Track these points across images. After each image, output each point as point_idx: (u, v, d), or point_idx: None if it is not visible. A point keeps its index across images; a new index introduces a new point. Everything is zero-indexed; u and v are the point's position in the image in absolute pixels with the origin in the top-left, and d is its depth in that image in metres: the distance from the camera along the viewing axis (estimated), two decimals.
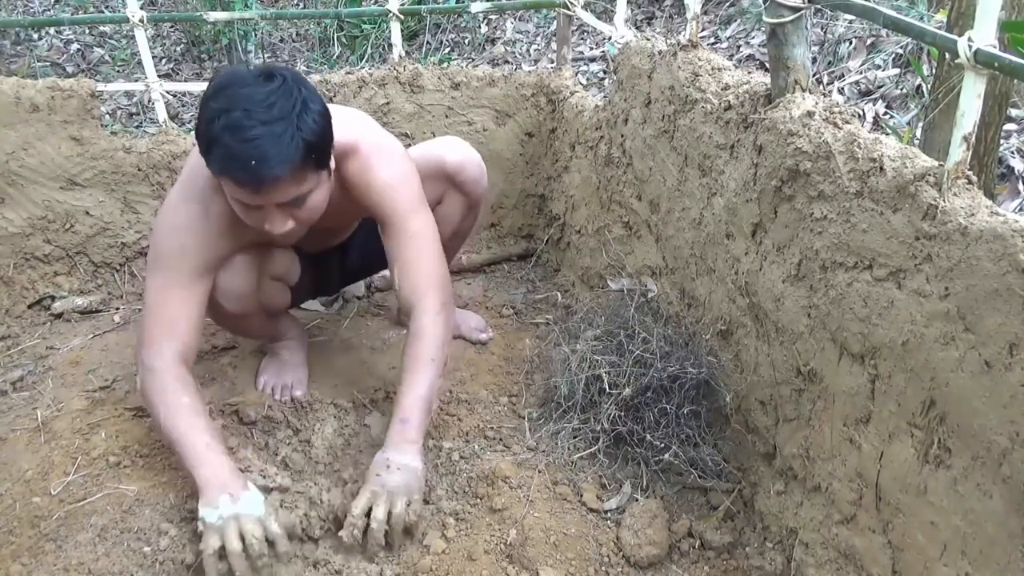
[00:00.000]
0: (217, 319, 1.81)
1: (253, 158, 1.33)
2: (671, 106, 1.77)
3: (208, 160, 1.39)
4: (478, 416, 1.87)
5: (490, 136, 2.55)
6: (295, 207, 1.46)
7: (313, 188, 1.46)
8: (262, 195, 1.39)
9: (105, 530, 1.52)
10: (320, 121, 1.41)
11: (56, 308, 2.35)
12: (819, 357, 1.34)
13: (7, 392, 1.99)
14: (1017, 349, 0.95)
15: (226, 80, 1.39)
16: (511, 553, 1.49)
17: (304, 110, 1.38)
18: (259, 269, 1.73)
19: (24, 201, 2.30)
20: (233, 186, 1.40)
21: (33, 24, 5.31)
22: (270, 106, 1.35)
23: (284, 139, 1.35)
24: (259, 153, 1.33)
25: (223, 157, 1.35)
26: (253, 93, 1.35)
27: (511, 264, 2.65)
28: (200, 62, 5.39)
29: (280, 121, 1.35)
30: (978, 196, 1.05)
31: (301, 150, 1.37)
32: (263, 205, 1.42)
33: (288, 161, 1.35)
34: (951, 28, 2.03)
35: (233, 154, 1.34)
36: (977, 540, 1.03)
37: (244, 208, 1.45)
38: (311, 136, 1.38)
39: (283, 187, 1.39)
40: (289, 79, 1.39)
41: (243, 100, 1.35)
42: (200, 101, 1.39)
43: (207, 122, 1.36)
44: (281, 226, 1.46)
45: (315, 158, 1.42)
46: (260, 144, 1.33)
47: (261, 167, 1.34)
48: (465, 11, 2.68)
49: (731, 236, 1.58)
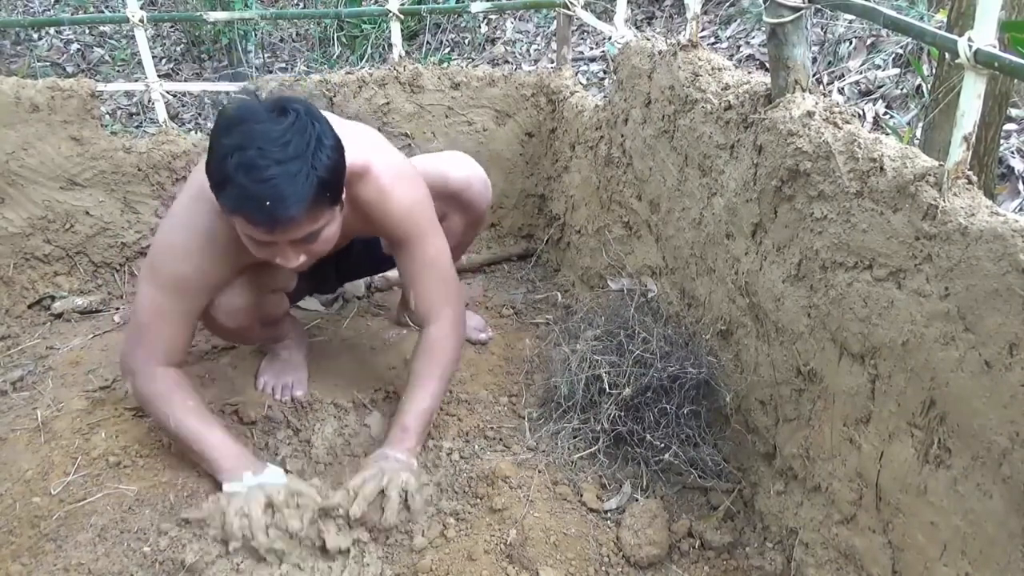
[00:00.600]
0: (215, 332, 1.81)
1: (268, 199, 1.31)
2: (671, 106, 1.77)
3: (220, 197, 1.36)
4: (478, 416, 1.87)
5: (490, 136, 2.55)
6: (308, 243, 1.45)
7: (326, 224, 1.45)
8: (277, 234, 1.38)
9: (105, 530, 1.53)
10: (334, 156, 1.39)
11: (56, 308, 2.35)
12: (819, 357, 1.34)
13: (7, 392, 1.99)
14: (1017, 349, 0.95)
15: (238, 116, 1.36)
16: (511, 553, 1.49)
17: (319, 147, 1.36)
18: (258, 286, 1.72)
19: (24, 201, 2.30)
20: (246, 224, 1.38)
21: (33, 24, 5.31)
22: (285, 144, 1.32)
23: (299, 179, 1.32)
24: (275, 194, 1.31)
25: (237, 197, 1.33)
26: (267, 130, 1.33)
27: (511, 264, 2.65)
28: (200, 62, 5.39)
29: (295, 160, 1.32)
30: (978, 196, 1.05)
31: (316, 188, 1.35)
32: (276, 242, 1.42)
33: (303, 201, 1.33)
34: (951, 28, 2.03)
35: (248, 194, 1.31)
36: (977, 540, 1.03)
37: (255, 244, 1.44)
38: (326, 173, 1.36)
39: (298, 226, 1.38)
40: (302, 113, 1.37)
41: (257, 138, 1.32)
42: (211, 135, 1.37)
43: (220, 159, 1.33)
44: (294, 261, 1.45)
45: (329, 196, 1.41)
46: (276, 184, 1.31)
47: (276, 208, 1.31)
48: (465, 11, 2.68)
49: (731, 236, 1.58)
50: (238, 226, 1.42)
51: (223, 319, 1.69)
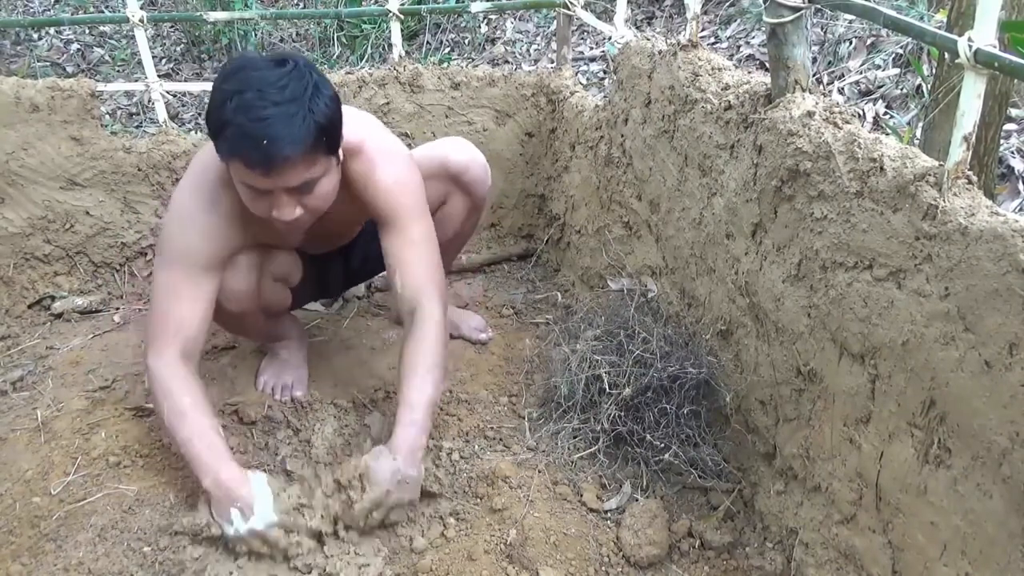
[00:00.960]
0: (218, 319, 1.81)
1: (265, 137, 1.32)
2: (671, 106, 1.77)
3: (218, 143, 1.38)
4: (478, 416, 1.87)
5: (490, 136, 2.55)
6: (304, 193, 1.45)
7: (322, 174, 1.45)
8: (272, 177, 1.38)
9: (105, 530, 1.53)
10: (331, 105, 1.42)
11: (56, 308, 2.35)
12: (819, 357, 1.34)
13: (7, 392, 1.99)
14: (1017, 349, 0.95)
15: (238, 64, 1.40)
16: (511, 553, 1.49)
17: (316, 93, 1.39)
18: (260, 269, 1.72)
19: (24, 201, 2.30)
20: (243, 168, 1.38)
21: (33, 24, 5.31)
22: (282, 88, 1.35)
23: (296, 120, 1.34)
24: (271, 133, 1.32)
25: (234, 137, 1.35)
26: (266, 76, 1.36)
27: (511, 264, 2.65)
28: (200, 62, 5.38)
29: (292, 102, 1.35)
30: (978, 196, 1.05)
31: (313, 132, 1.37)
32: (272, 190, 1.42)
33: (299, 142, 1.35)
34: (951, 28, 2.03)
35: (244, 133, 1.33)
36: (977, 540, 1.03)
37: (252, 194, 1.44)
38: (322, 119, 1.38)
39: (293, 169, 1.38)
40: (301, 64, 1.40)
41: (255, 82, 1.35)
42: (213, 85, 1.39)
43: (219, 104, 1.35)
44: (289, 213, 1.45)
45: (326, 141, 1.42)
46: (272, 124, 1.33)
47: (272, 147, 1.33)
48: (465, 11, 2.68)
49: (731, 236, 1.58)
50: (236, 174, 1.43)
51: (226, 303, 1.68)
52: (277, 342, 1.99)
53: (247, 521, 1.44)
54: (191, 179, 1.60)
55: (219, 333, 2.19)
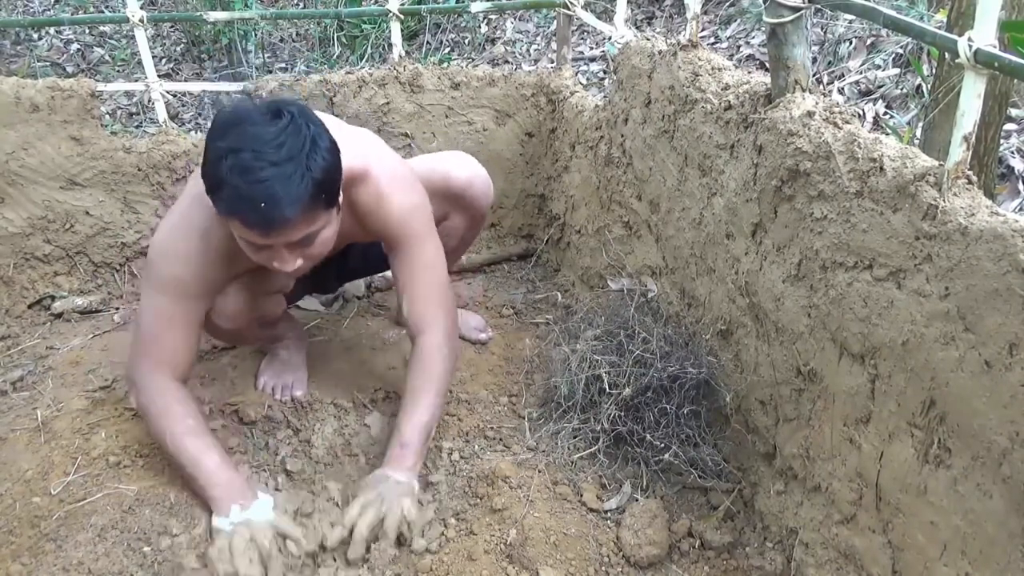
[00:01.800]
0: (212, 334, 1.81)
1: (263, 200, 1.30)
2: (671, 106, 1.77)
3: (215, 200, 1.36)
4: (478, 416, 1.87)
5: (490, 136, 2.55)
6: (305, 246, 1.44)
7: (323, 227, 1.44)
8: (272, 237, 1.37)
9: (105, 530, 1.52)
10: (329, 158, 1.39)
11: (56, 308, 2.35)
12: (819, 357, 1.34)
13: (7, 392, 1.99)
14: (1017, 349, 0.95)
15: (232, 118, 1.35)
16: (511, 553, 1.49)
17: (314, 148, 1.35)
18: (254, 289, 1.71)
19: (24, 201, 2.30)
20: (241, 227, 1.37)
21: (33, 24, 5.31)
22: (279, 146, 1.32)
23: (294, 180, 1.32)
24: (269, 195, 1.30)
25: (231, 199, 1.32)
26: (261, 132, 1.32)
27: (511, 264, 2.65)
28: (200, 62, 5.38)
29: (290, 162, 1.32)
30: (978, 196, 1.05)
31: (311, 190, 1.34)
32: (272, 245, 1.41)
33: (298, 202, 1.33)
34: (951, 28, 2.03)
35: (242, 196, 1.31)
36: (977, 540, 1.03)
37: (252, 247, 1.43)
38: (321, 175, 1.36)
39: (293, 228, 1.37)
40: (297, 115, 1.36)
41: (251, 140, 1.31)
42: (206, 138, 1.36)
43: (214, 162, 1.32)
44: (291, 265, 1.44)
45: (325, 198, 1.40)
46: (270, 186, 1.30)
47: (271, 209, 1.31)
48: (465, 11, 2.68)
49: (731, 236, 1.58)
50: (234, 230, 1.41)
51: (219, 321, 1.68)
52: (276, 342, 1.99)
53: (243, 512, 1.47)
54: (183, 210, 1.57)
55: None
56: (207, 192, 1.37)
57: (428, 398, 1.63)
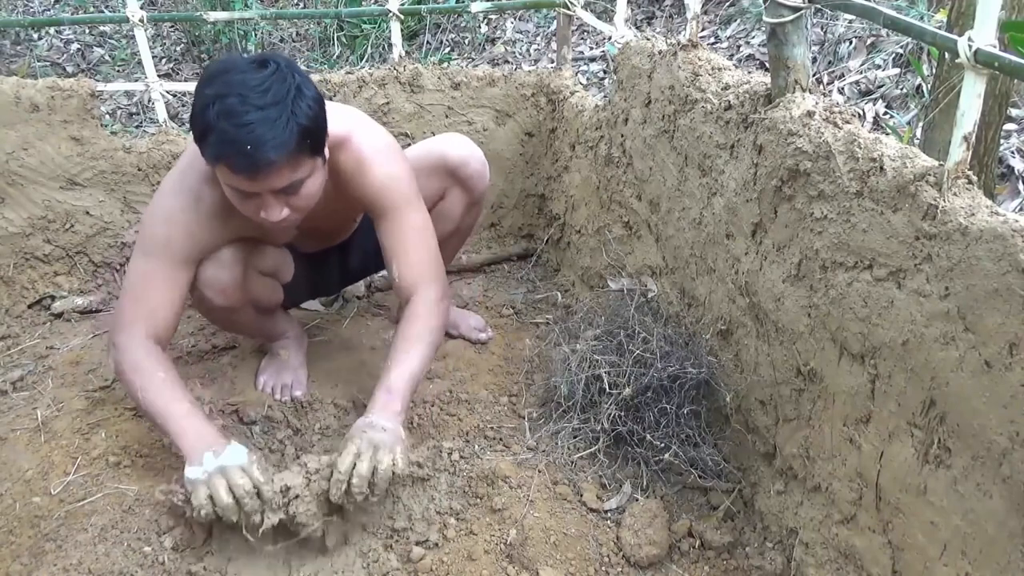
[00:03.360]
0: (206, 313, 1.81)
1: (249, 143, 1.33)
2: (671, 106, 1.77)
3: (203, 147, 1.39)
4: (478, 416, 1.87)
5: (490, 136, 2.55)
6: (290, 194, 1.45)
7: (308, 175, 1.46)
8: (258, 181, 1.39)
9: (105, 530, 1.52)
10: (314, 107, 1.42)
11: (56, 308, 2.35)
12: (819, 357, 1.34)
13: (7, 392, 1.99)
14: (1017, 349, 0.95)
15: (220, 67, 1.39)
16: (511, 553, 1.49)
17: (299, 95, 1.39)
18: (246, 263, 1.72)
19: (24, 201, 2.30)
20: (228, 173, 1.39)
21: (33, 24, 5.31)
22: (264, 91, 1.35)
23: (279, 124, 1.35)
24: (254, 138, 1.33)
25: (218, 143, 1.35)
26: (247, 79, 1.36)
27: (511, 264, 2.65)
28: (200, 62, 5.38)
29: (275, 106, 1.35)
30: (978, 196, 1.05)
31: (296, 134, 1.37)
32: (259, 192, 1.42)
33: (283, 145, 1.35)
34: (951, 28, 2.03)
35: (228, 139, 1.33)
36: (977, 540, 1.03)
37: (239, 196, 1.45)
38: (306, 120, 1.39)
39: (279, 172, 1.39)
40: (283, 65, 1.40)
41: (237, 86, 1.35)
42: (195, 88, 1.39)
43: (201, 109, 1.36)
44: (277, 214, 1.46)
45: (310, 143, 1.42)
46: (255, 129, 1.33)
47: (257, 152, 1.33)
48: (465, 11, 2.68)
49: (731, 236, 1.58)
50: (222, 178, 1.43)
51: (211, 294, 1.68)
52: (276, 342, 1.99)
53: (217, 458, 1.42)
54: (175, 175, 1.60)
55: (219, 333, 2.19)
56: (195, 141, 1.40)
57: (419, 349, 1.60)
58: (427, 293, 1.65)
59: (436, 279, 1.68)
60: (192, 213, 1.57)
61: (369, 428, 1.49)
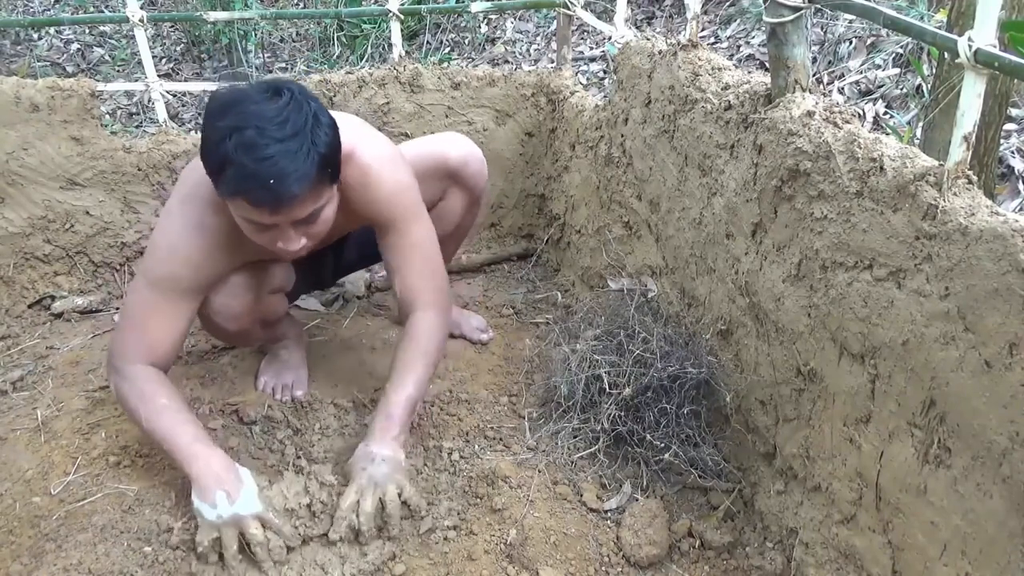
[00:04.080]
0: (213, 333, 1.80)
1: (271, 176, 1.29)
2: (671, 106, 1.77)
3: (218, 181, 1.34)
4: (478, 416, 1.87)
5: (490, 136, 2.55)
6: (309, 224, 1.43)
7: (327, 203, 1.45)
8: (280, 214, 1.36)
9: (105, 530, 1.52)
10: (331, 134, 1.39)
11: (56, 308, 2.35)
12: (819, 357, 1.34)
13: (7, 392, 1.99)
14: (1017, 349, 0.95)
15: (231, 97, 1.34)
16: (511, 553, 1.49)
17: (316, 124, 1.36)
18: (257, 288, 1.70)
19: (24, 201, 2.30)
20: (247, 207, 1.35)
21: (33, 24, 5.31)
22: (283, 123, 1.31)
23: (300, 155, 1.31)
24: (277, 171, 1.29)
25: (238, 177, 1.30)
26: (263, 110, 1.31)
27: (511, 264, 2.65)
28: (200, 62, 5.39)
29: (294, 138, 1.31)
30: (978, 196, 1.05)
31: (317, 165, 1.34)
32: (278, 224, 1.40)
33: (305, 177, 1.32)
34: (951, 28, 2.03)
35: (249, 173, 1.29)
36: (977, 540, 1.03)
37: (255, 228, 1.42)
38: (325, 149, 1.36)
39: (301, 204, 1.36)
40: (297, 93, 1.36)
41: (254, 118, 1.30)
42: (204, 120, 1.35)
43: (216, 143, 1.30)
44: (296, 244, 1.44)
45: (330, 172, 1.40)
46: (278, 162, 1.29)
47: (280, 186, 1.30)
48: (465, 11, 2.68)
49: (731, 236, 1.58)
50: (237, 211, 1.40)
51: (223, 322, 1.68)
52: (276, 342, 1.99)
53: (232, 505, 1.43)
54: (179, 199, 1.56)
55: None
56: (209, 175, 1.36)
57: (417, 372, 1.62)
58: (427, 312, 1.67)
59: (436, 298, 1.69)
60: (196, 246, 1.53)
61: (368, 463, 1.52)
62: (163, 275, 1.54)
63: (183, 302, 1.57)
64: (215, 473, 1.45)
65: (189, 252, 1.53)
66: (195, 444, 1.49)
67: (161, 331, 1.57)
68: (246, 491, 1.45)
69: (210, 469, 1.46)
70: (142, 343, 1.56)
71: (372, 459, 1.53)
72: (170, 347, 1.59)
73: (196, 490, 1.45)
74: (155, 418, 1.51)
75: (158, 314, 1.56)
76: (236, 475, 1.47)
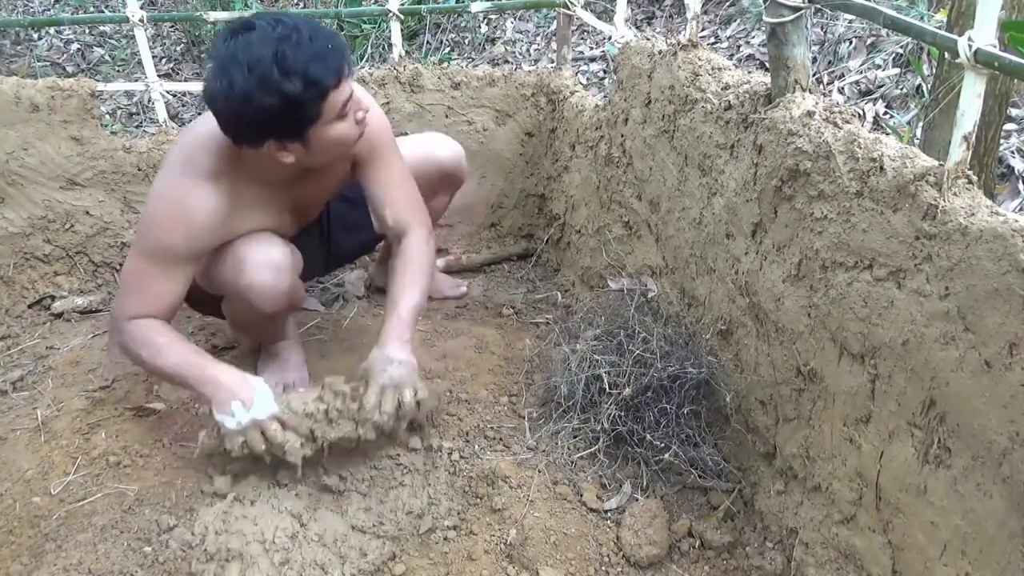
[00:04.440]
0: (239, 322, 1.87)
1: (323, 51, 1.39)
2: (671, 106, 1.77)
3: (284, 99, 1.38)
4: (478, 416, 1.87)
5: (490, 136, 2.55)
6: None
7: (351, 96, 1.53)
8: (348, 77, 1.46)
9: (105, 530, 1.53)
10: None
11: (56, 308, 2.35)
12: (819, 357, 1.34)
13: (7, 392, 1.99)
14: (1017, 349, 0.95)
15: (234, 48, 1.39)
16: (511, 553, 1.49)
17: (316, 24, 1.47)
18: (294, 270, 1.77)
19: (24, 201, 2.30)
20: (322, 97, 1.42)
21: (33, 24, 5.31)
22: (297, 27, 1.41)
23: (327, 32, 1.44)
24: (323, 47, 1.40)
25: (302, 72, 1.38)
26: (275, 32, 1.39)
27: (511, 264, 2.65)
28: (200, 62, 5.38)
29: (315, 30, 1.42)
30: (978, 196, 1.05)
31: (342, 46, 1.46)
32: (347, 99, 1.48)
33: (344, 47, 1.45)
34: (951, 28, 2.03)
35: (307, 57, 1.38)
36: (977, 540, 1.03)
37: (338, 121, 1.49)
38: None
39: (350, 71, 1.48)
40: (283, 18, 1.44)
41: (277, 36, 1.38)
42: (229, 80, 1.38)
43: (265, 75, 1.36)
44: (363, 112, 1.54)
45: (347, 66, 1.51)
46: (317, 41, 1.40)
47: (335, 51, 1.41)
48: (465, 11, 2.68)
49: (731, 236, 1.58)
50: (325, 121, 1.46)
51: (262, 304, 1.71)
52: (277, 342, 1.99)
53: (249, 411, 1.50)
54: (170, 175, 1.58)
55: (219, 333, 2.19)
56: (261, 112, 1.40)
57: (421, 283, 1.73)
58: (419, 231, 1.79)
59: (425, 218, 1.82)
60: (190, 221, 1.56)
61: (388, 365, 1.58)
62: (157, 248, 1.58)
63: (178, 267, 1.61)
64: (227, 388, 1.52)
65: (188, 222, 1.57)
66: (203, 368, 1.56)
67: (159, 292, 1.61)
68: (260, 396, 1.52)
69: (222, 385, 1.53)
70: (140, 303, 1.60)
71: (391, 361, 1.59)
72: (168, 305, 1.63)
73: (215, 407, 1.52)
74: (160, 356, 1.57)
75: (155, 280, 1.60)
76: (248, 384, 1.54)
